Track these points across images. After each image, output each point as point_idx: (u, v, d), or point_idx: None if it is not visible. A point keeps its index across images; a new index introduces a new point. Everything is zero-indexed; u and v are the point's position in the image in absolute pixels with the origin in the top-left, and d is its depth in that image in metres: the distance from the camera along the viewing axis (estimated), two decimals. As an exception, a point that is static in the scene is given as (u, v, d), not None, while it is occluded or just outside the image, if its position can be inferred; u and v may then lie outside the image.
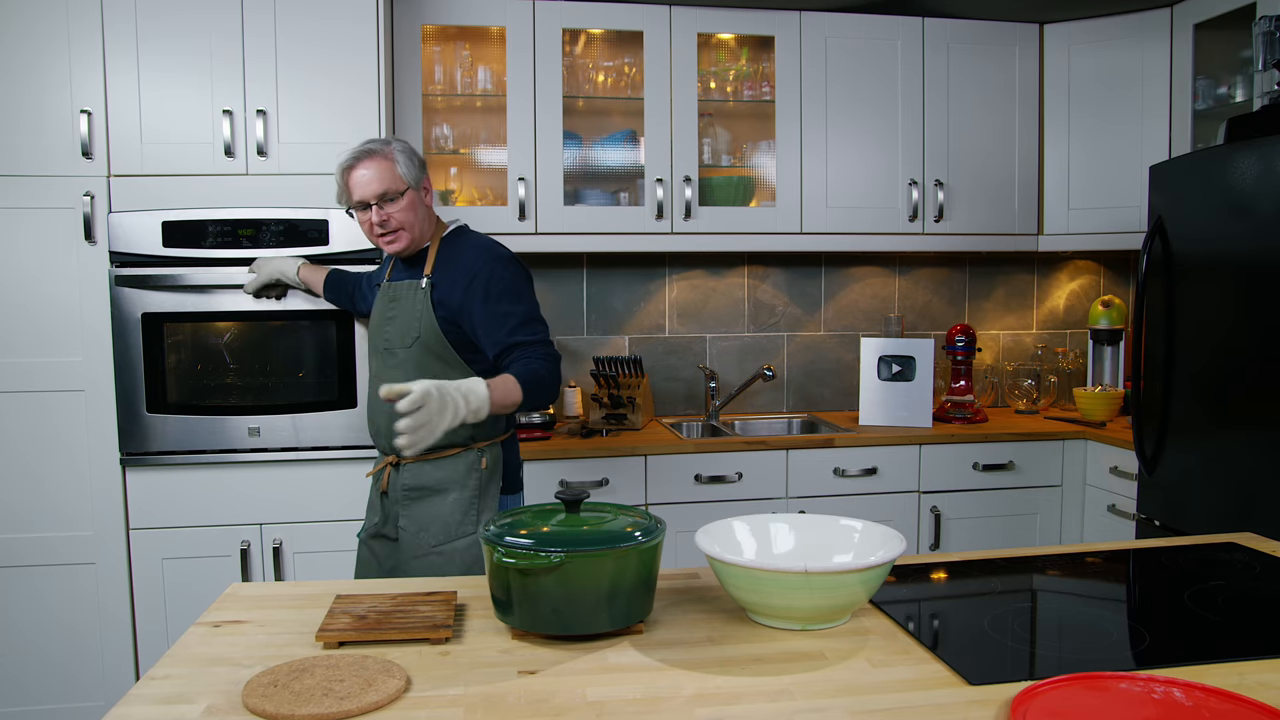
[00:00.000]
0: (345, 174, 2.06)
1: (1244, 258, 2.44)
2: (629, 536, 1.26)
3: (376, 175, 2.03)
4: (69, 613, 2.69)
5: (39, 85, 2.61)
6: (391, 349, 2.10)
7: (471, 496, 2.09)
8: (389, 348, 2.11)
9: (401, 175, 2.05)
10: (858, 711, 1.06)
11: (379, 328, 2.16)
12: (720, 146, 3.36)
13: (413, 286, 2.09)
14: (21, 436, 2.66)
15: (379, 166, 2.03)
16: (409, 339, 2.07)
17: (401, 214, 2.05)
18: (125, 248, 2.65)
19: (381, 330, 2.14)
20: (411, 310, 2.07)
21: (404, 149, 2.08)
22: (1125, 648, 1.29)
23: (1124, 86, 3.30)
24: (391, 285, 2.14)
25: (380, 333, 2.14)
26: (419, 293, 2.07)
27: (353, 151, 2.06)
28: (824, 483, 3.05)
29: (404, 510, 2.10)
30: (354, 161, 2.04)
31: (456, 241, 2.13)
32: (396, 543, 2.12)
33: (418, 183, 2.08)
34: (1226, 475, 2.51)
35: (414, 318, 2.06)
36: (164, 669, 1.19)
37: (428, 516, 2.08)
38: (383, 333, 2.13)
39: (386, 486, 2.12)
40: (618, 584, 1.25)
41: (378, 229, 2.06)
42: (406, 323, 2.08)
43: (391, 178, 2.03)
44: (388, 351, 2.11)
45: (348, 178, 2.06)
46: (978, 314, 3.79)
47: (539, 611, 1.24)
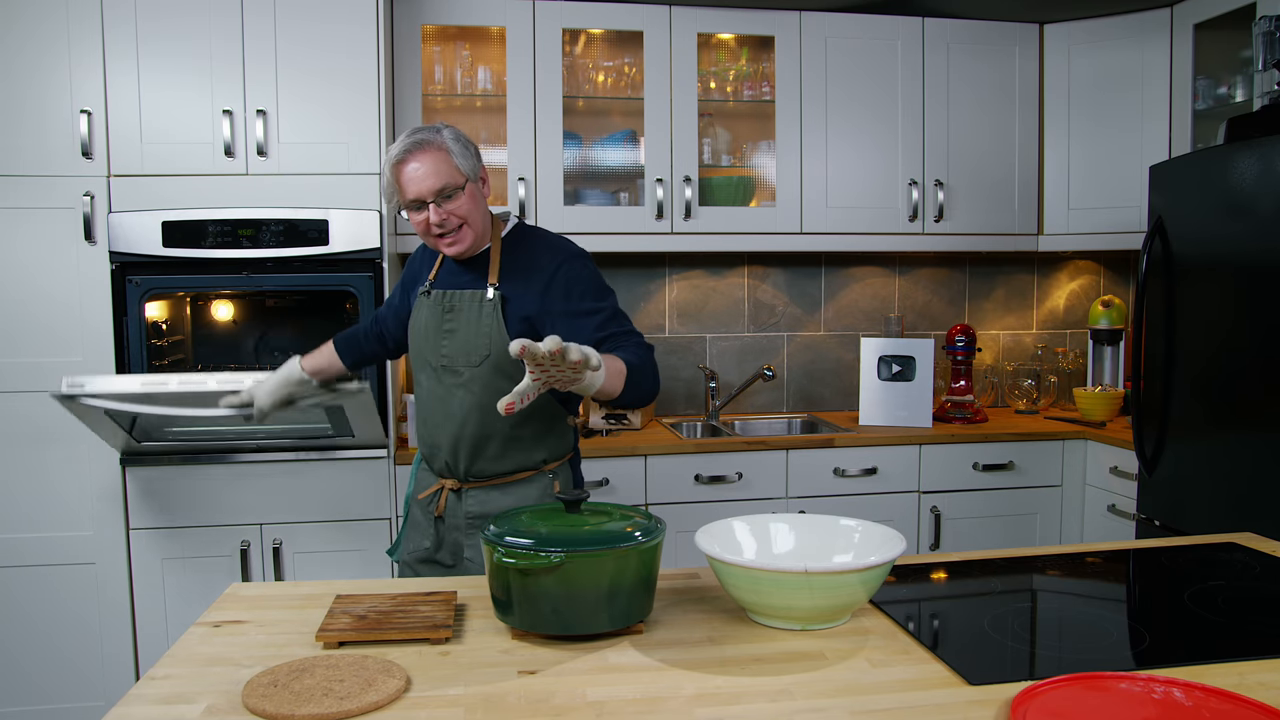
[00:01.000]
0: (395, 169, 1.79)
1: (1244, 258, 2.44)
2: (629, 536, 1.26)
3: (432, 169, 1.77)
4: (69, 613, 2.70)
5: (40, 86, 2.61)
6: (453, 367, 1.86)
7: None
8: (449, 365, 1.86)
9: (459, 167, 1.79)
10: (858, 711, 1.06)
11: (431, 342, 1.89)
12: (720, 146, 3.36)
13: (476, 297, 1.85)
14: (22, 436, 2.66)
15: (434, 158, 1.77)
16: (476, 357, 1.84)
17: (464, 210, 1.80)
18: (125, 248, 2.65)
19: (436, 346, 1.88)
20: (478, 325, 1.84)
21: (458, 136, 1.83)
22: (1125, 648, 1.29)
23: (1124, 86, 3.30)
24: (448, 294, 1.88)
25: (434, 348, 1.88)
26: (486, 305, 1.84)
27: (402, 143, 1.79)
28: (824, 483, 3.05)
29: (469, 539, 1.90)
30: (405, 154, 1.78)
31: (522, 241, 1.90)
32: (453, 569, 1.94)
33: (475, 173, 1.84)
34: (1226, 475, 2.51)
35: (481, 333, 1.83)
36: (164, 669, 1.19)
37: None
38: (438, 349, 1.88)
39: (443, 511, 1.93)
40: (618, 584, 1.25)
41: (436, 229, 1.80)
42: (472, 339, 1.84)
43: (449, 170, 1.78)
44: (447, 370, 1.87)
45: (398, 173, 1.79)
46: (978, 314, 3.79)
47: (539, 611, 1.24)
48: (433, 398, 1.90)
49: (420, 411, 1.95)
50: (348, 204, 2.74)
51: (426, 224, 1.80)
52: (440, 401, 1.88)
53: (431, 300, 1.91)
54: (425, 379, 1.92)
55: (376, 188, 2.77)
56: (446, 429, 1.88)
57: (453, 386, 1.87)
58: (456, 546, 1.94)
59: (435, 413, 1.90)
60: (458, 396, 1.86)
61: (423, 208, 1.80)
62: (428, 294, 1.92)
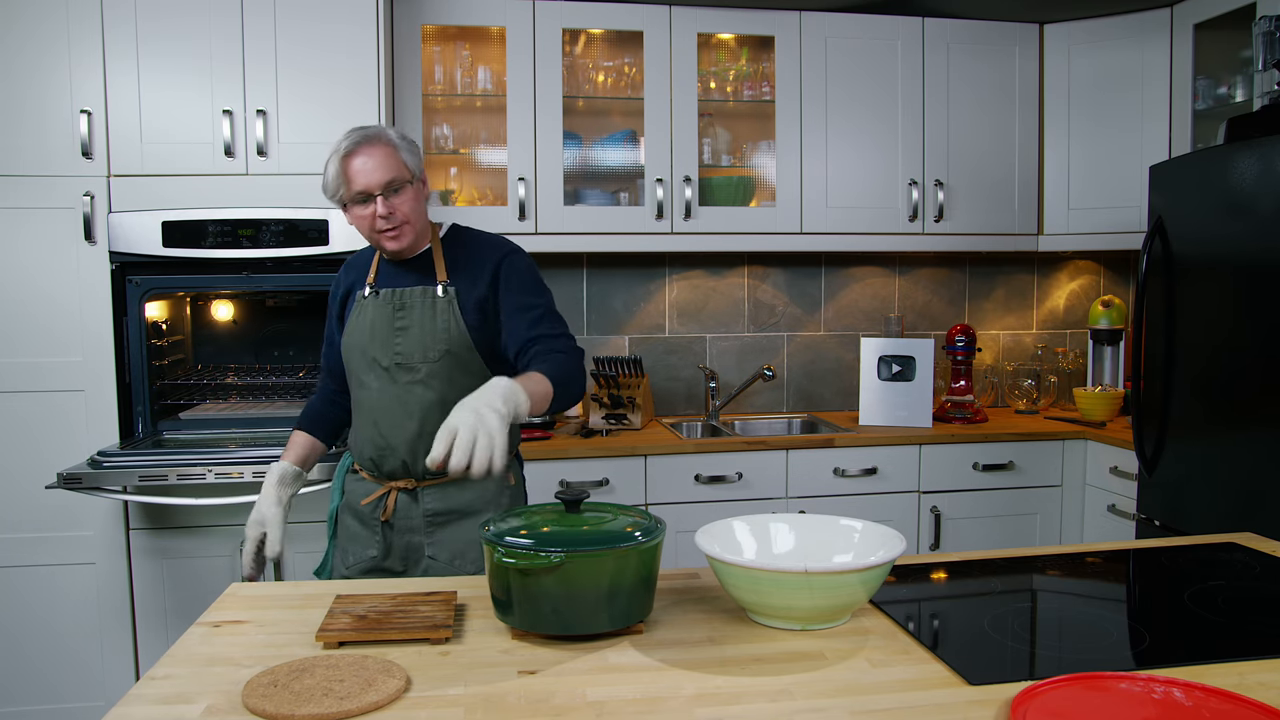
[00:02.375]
0: (344, 162, 1.81)
1: (1244, 257, 2.44)
2: (629, 536, 1.26)
3: (381, 163, 1.80)
4: (69, 613, 2.69)
5: (40, 86, 2.61)
6: (409, 364, 1.87)
7: None
8: (404, 363, 1.88)
9: (406, 163, 1.84)
10: (858, 711, 1.06)
11: (381, 340, 1.89)
12: (720, 146, 3.36)
13: (428, 294, 1.89)
14: (22, 436, 2.66)
15: (382, 153, 1.81)
16: (434, 352, 1.86)
17: (407, 207, 1.84)
18: (125, 248, 2.65)
19: (388, 344, 1.88)
20: (432, 320, 1.87)
21: (403, 137, 1.88)
22: (1125, 648, 1.29)
23: (1124, 86, 3.30)
24: (397, 292, 1.90)
25: (386, 347, 1.89)
26: (439, 301, 1.88)
27: (350, 137, 1.82)
28: (824, 483, 3.05)
29: (429, 539, 1.90)
30: (354, 147, 1.81)
31: (460, 240, 1.97)
32: (404, 574, 1.94)
33: (419, 173, 1.89)
34: (1226, 475, 2.51)
35: (437, 329, 1.87)
36: (164, 669, 1.19)
37: (462, 542, 1.89)
38: (391, 346, 1.88)
39: (391, 515, 1.92)
40: (618, 584, 1.25)
41: (381, 222, 1.83)
42: (428, 334, 1.87)
43: (397, 165, 1.82)
44: (401, 367, 1.88)
45: (346, 166, 1.81)
46: (978, 314, 3.79)
47: (539, 611, 1.24)
48: (385, 397, 1.89)
49: (366, 414, 1.92)
50: (348, 204, 2.74)
51: (372, 218, 1.83)
52: (395, 400, 1.87)
53: (380, 300, 1.91)
54: (373, 379, 1.90)
55: (376, 188, 2.77)
56: (404, 427, 1.86)
57: (409, 384, 1.87)
58: (411, 549, 1.92)
59: (389, 412, 1.88)
60: (415, 394, 1.86)
61: (369, 201, 1.82)
62: (375, 294, 1.92)
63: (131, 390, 2.71)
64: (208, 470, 2.50)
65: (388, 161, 1.81)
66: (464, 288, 1.90)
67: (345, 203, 1.85)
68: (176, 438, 2.73)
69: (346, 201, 1.85)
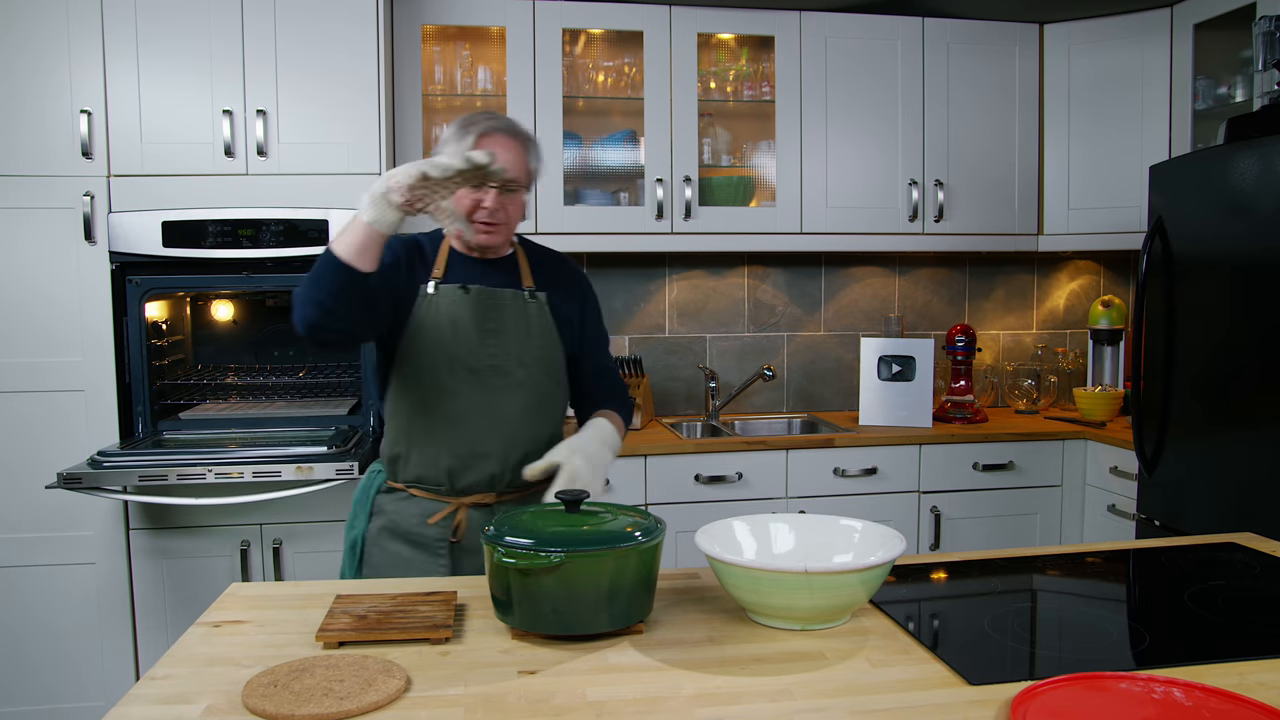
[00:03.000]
0: (480, 140, 1.71)
1: (1244, 258, 2.44)
2: (629, 536, 1.26)
3: (513, 158, 1.72)
4: (69, 613, 2.69)
5: (40, 86, 2.61)
6: (503, 367, 1.76)
7: None
8: (497, 364, 1.76)
9: (532, 170, 1.78)
10: (858, 711, 1.06)
11: (471, 341, 1.75)
12: (720, 146, 3.36)
13: (518, 297, 1.80)
14: (21, 436, 2.66)
15: (517, 150, 1.74)
16: (529, 357, 1.78)
17: (514, 210, 1.76)
18: (125, 248, 2.65)
19: (479, 345, 1.75)
20: (527, 325, 1.79)
21: (535, 142, 1.82)
22: (1125, 648, 1.29)
23: (1124, 87, 3.30)
24: (488, 291, 1.78)
25: (476, 348, 1.75)
26: (532, 305, 1.80)
27: (492, 118, 1.75)
28: (824, 483, 3.05)
29: None
30: (494, 131, 1.72)
31: (535, 251, 1.90)
32: None
33: (533, 183, 1.82)
34: (1226, 475, 2.51)
35: (533, 334, 1.79)
36: (164, 669, 1.19)
37: None
38: (483, 347, 1.75)
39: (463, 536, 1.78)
40: (618, 584, 1.25)
41: (484, 214, 1.72)
42: (524, 338, 1.78)
43: (523, 167, 1.75)
44: (495, 370, 1.76)
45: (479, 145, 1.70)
46: (978, 314, 3.79)
47: (539, 611, 1.24)
48: (472, 403, 1.75)
49: (443, 421, 1.76)
50: (348, 204, 2.74)
51: (476, 205, 1.71)
52: (485, 407, 1.76)
53: (470, 297, 1.76)
54: (460, 383, 1.75)
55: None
56: (496, 435, 1.76)
57: (502, 389, 1.76)
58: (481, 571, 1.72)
59: (478, 419, 1.75)
60: (508, 399, 1.77)
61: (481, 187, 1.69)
62: (462, 290, 1.76)
63: (131, 390, 2.71)
64: (208, 470, 2.50)
65: (518, 160, 1.74)
66: (555, 298, 1.86)
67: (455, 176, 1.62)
68: (176, 438, 2.73)
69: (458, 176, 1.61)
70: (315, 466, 2.52)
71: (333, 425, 2.83)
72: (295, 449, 2.56)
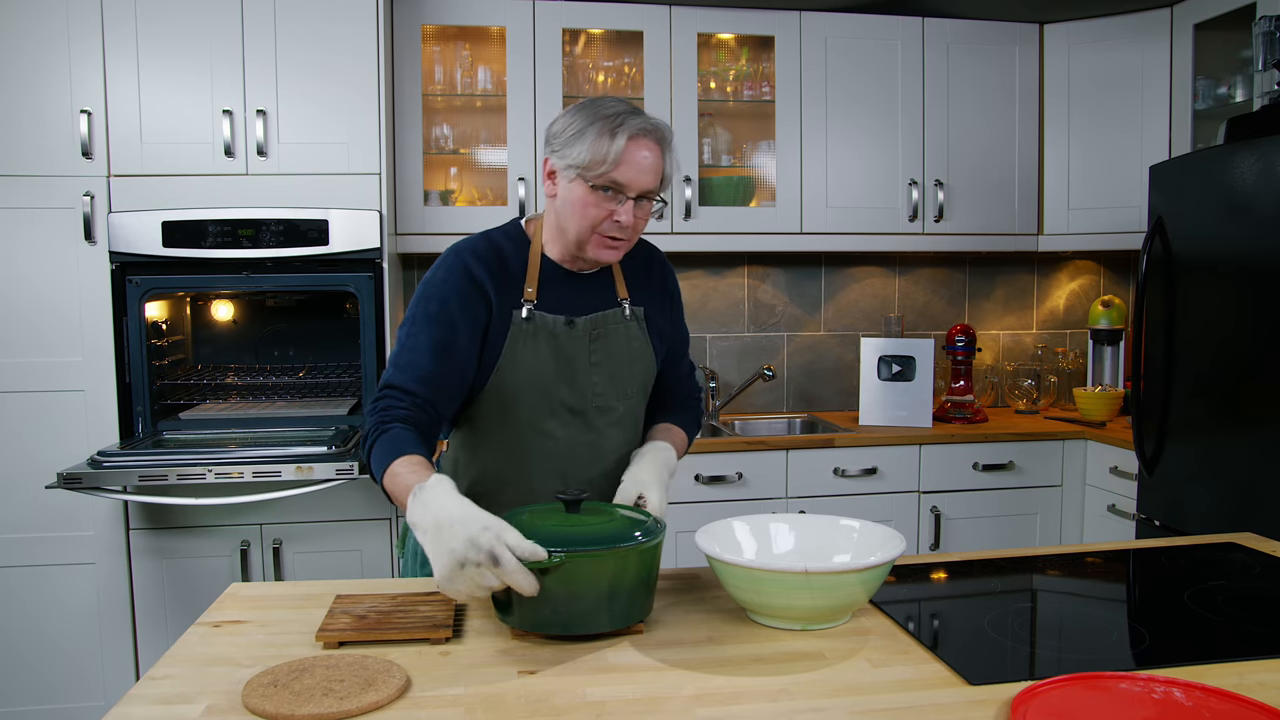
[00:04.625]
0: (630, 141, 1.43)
1: (1244, 258, 2.44)
2: (629, 536, 1.26)
3: (657, 166, 1.46)
4: (69, 613, 2.69)
5: (39, 86, 2.61)
6: (606, 405, 1.57)
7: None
8: (602, 405, 1.57)
9: (668, 176, 1.50)
10: (858, 711, 1.06)
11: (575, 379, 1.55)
12: (720, 146, 3.36)
13: (617, 318, 1.58)
14: (22, 436, 2.66)
15: (662, 157, 1.48)
16: (630, 387, 1.59)
17: (643, 223, 1.51)
18: (125, 248, 2.65)
19: (585, 384, 1.56)
20: (626, 350, 1.58)
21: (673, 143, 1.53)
22: (1125, 648, 1.29)
23: (1124, 87, 3.30)
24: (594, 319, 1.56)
25: (581, 387, 1.56)
26: (631, 326, 1.58)
27: (646, 119, 1.46)
28: (824, 483, 3.05)
29: None
30: (644, 134, 1.45)
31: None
32: None
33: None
34: (1226, 475, 2.51)
35: (632, 359, 1.58)
36: (164, 669, 1.19)
37: None
38: (589, 387, 1.56)
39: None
40: (618, 584, 1.25)
41: (614, 228, 1.47)
42: (627, 366, 1.58)
43: (662, 175, 1.49)
44: (600, 410, 1.57)
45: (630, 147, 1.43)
46: (978, 314, 3.78)
47: (539, 612, 1.24)
48: (574, 444, 1.58)
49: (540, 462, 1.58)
50: (348, 204, 2.74)
51: (607, 218, 1.46)
52: (588, 447, 1.59)
53: (575, 330, 1.54)
54: (561, 426, 1.56)
55: (377, 187, 2.77)
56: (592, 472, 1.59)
57: (606, 427, 1.59)
58: None
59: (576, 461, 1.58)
60: (611, 437, 1.61)
61: (617, 197, 1.45)
62: (569, 323, 1.54)
63: (131, 390, 2.71)
64: (208, 470, 2.50)
65: (661, 167, 1.48)
66: (648, 306, 1.63)
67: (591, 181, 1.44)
68: (176, 438, 2.73)
69: (595, 182, 1.44)
70: (315, 466, 2.52)
71: (333, 425, 2.83)
72: (295, 449, 2.56)
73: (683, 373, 1.77)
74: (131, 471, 2.48)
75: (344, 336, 3.07)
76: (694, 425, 1.73)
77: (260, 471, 2.51)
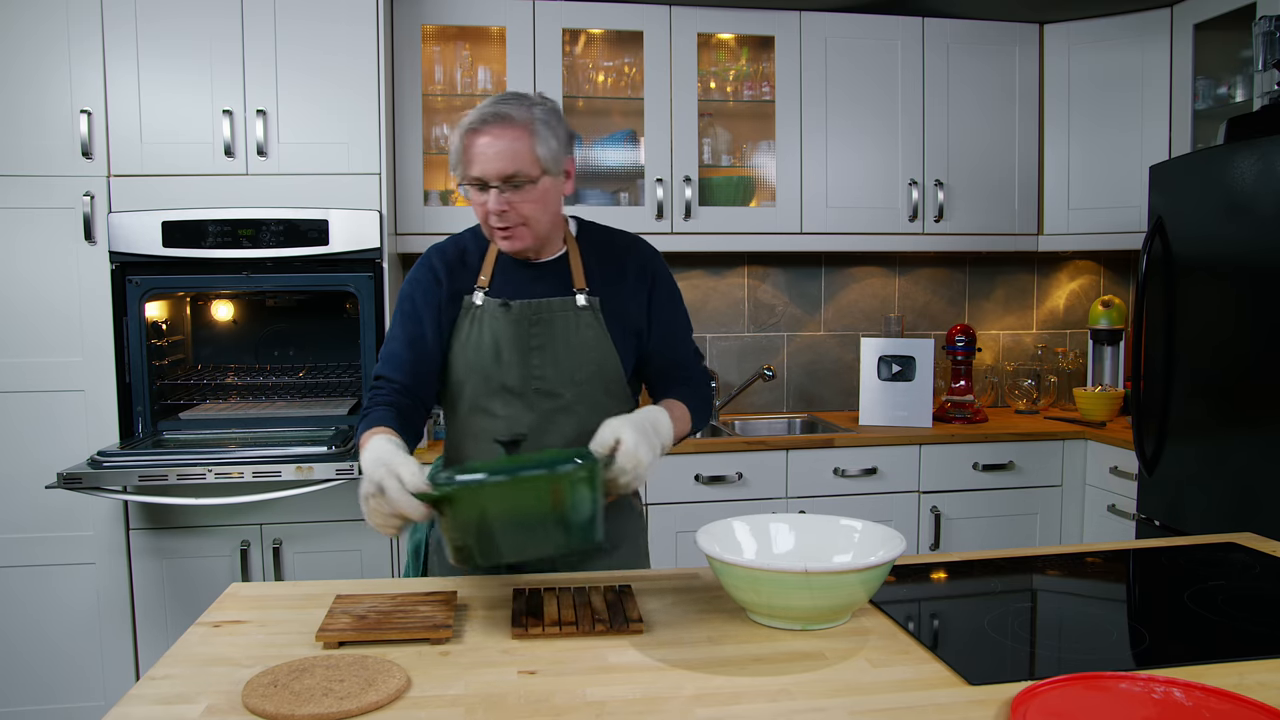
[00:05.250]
0: (467, 136, 1.52)
1: (1244, 258, 2.44)
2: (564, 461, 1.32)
3: (507, 149, 1.50)
4: (69, 613, 2.70)
5: (39, 86, 2.61)
6: (550, 389, 1.62)
7: (638, 547, 1.76)
8: (544, 388, 1.62)
9: (539, 155, 1.52)
10: (858, 711, 1.06)
11: (514, 361, 1.62)
12: (720, 146, 3.36)
13: (568, 305, 1.63)
14: (21, 436, 2.66)
15: (513, 137, 1.51)
16: (581, 374, 1.62)
17: (530, 207, 1.54)
18: (125, 248, 2.65)
19: (523, 366, 1.62)
20: (575, 336, 1.62)
21: (550, 117, 1.55)
22: (1125, 648, 1.29)
23: (1124, 87, 3.30)
24: (532, 304, 1.62)
25: (521, 368, 1.62)
26: (582, 314, 1.62)
27: (484, 109, 1.53)
28: (824, 483, 3.05)
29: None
30: (482, 124, 1.51)
31: (594, 239, 1.70)
32: None
33: (557, 166, 1.56)
34: (1226, 475, 2.51)
35: (583, 347, 1.62)
36: (164, 669, 1.19)
37: None
38: (527, 369, 1.62)
39: None
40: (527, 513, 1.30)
41: (494, 219, 1.55)
42: (572, 353, 1.62)
43: (525, 156, 1.51)
44: (542, 394, 1.62)
45: (469, 142, 1.52)
46: (978, 314, 3.78)
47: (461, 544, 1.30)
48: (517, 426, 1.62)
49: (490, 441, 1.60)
50: (348, 204, 2.74)
51: (484, 210, 1.55)
52: (533, 431, 1.62)
53: (511, 312, 1.62)
54: (502, 407, 1.63)
55: (377, 187, 2.77)
56: None
57: (551, 412, 1.62)
58: None
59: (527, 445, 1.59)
60: (558, 423, 1.63)
61: (484, 189, 1.53)
62: (504, 306, 1.62)
63: (131, 390, 2.72)
64: (208, 470, 2.50)
65: (517, 148, 1.51)
66: (608, 297, 1.65)
67: (462, 183, 1.57)
68: (176, 438, 2.73)
69: (464, 182, 1.56)
70: (315, 466, 2.52)
71: (333, 425, 2.83)
72: (295, 449, 2.56)
73: (682, 358, 1.73)
74: (131, 471, 2.49)
75: (344, 336, 3.07)
76: (700, 405, 1.69)
77: (260, 471, 2.51)
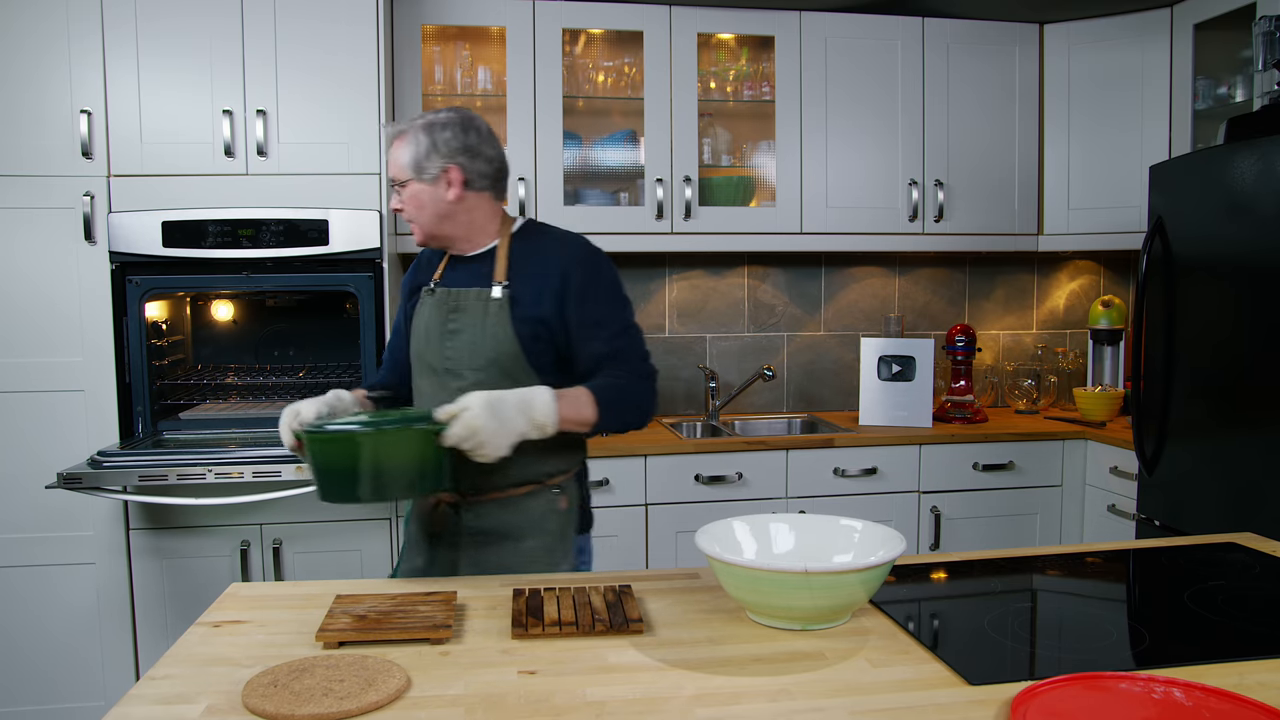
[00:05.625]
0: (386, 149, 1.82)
1: (1244, 258, 2.44)
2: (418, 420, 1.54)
3: (394, 156, 1.76)
4: (69, 613, 2.69)
5: (39, 85, 2.61)
6: (456, 370, 1.77)
7: (551, 543, 1.78)
8: (451, 369, 1.77)
9: (404, 164, 1.74)
10: (858, 711, 1.06)
11: (434, 343, 1.80)
12: (720, 146, 3.36)
13: (481, 296, 1.77)
14: (21, 436, 2.66)
15: (399, 145, 1.75)
16: (479, 359, 1.75)
17: (410, 206, 1.77)
18: (125, 248, 2.65)
19: (440, 347, 1.79)
20: (482, 324, 1.75)
21: (433, 128, 1.74)
22: (1125, 648, 1.29)
23: (1124, 86, 3.30)
24: (452, 293, 1.81)
25: (437, 349, 1.80)
26: (492, 305, 1.75)
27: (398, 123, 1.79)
28: (824, 483, 3.05)
29: (466, 557, 1.78)
30: (392, 136, 1.78)
31: (531, 238, 1.83)
32: None
33: (423, 173, 1.74)
34: (1226, 475, 2.51)
35: (486, 334, 1.75)
36: (164, 669, 1.19)
37: (497, 566, 1.75)
38: (441, 349, 1.79)
39: (441, 528, 1.81)
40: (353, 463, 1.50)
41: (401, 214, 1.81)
42: (476, 340, 1.75)
43: (399, 164, 1.75)
44: (450, 373, 1.77)
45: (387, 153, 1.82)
46: (978, 314, 3.79)
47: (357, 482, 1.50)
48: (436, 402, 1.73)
49: None
50: (348, 204, 2.74)
51: None
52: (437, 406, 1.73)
53: (436, 299, 1.82)
54: (426, 384, 1.83)
55: (376, 187, 2.77)
56: None
57: (455, 391, 1.73)
58: (450, 566, 1.80)
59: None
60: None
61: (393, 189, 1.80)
62: (431, 292, 1.84)
63: (131, 390, 2.71)
64: (208, 470, 2.50)
65: (399, 157, 1.75)
66: (524, 291, 1.76)
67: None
68: (176, 438, 2.73)
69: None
70: (315, 466, 2.51)
71: (333, 425, 2.82)
72: (295, 449, 2.55)
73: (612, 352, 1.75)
74: (131, 471, 2.49)
75: (344, 336, 3.07)
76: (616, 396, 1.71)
77: (260, 471, 2.51)
